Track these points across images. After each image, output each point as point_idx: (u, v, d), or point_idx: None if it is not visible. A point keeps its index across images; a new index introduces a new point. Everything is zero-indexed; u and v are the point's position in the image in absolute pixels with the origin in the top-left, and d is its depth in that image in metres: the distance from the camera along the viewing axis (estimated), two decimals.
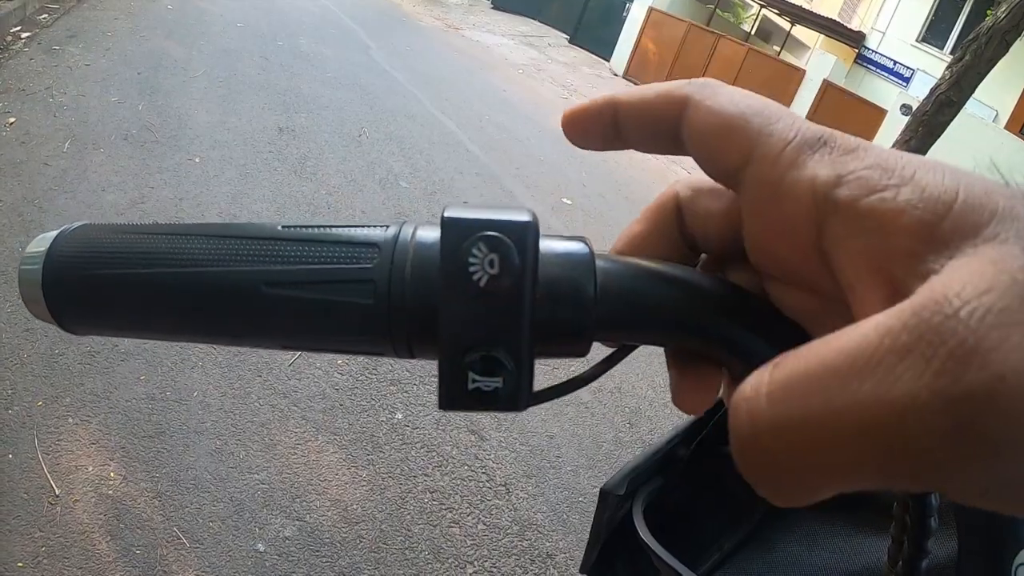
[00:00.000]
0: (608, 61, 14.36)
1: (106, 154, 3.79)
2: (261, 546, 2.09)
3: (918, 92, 9.55)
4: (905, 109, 8.89)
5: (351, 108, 5.98)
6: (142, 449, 2.22)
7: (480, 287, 0.22)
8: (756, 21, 18.28)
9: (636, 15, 13.77)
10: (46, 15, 5.44)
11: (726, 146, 0.23)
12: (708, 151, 0.24)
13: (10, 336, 2.43)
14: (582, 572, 0.74)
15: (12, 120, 3.78)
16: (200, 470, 2.22)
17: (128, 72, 5.01)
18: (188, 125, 4.52)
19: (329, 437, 2.50)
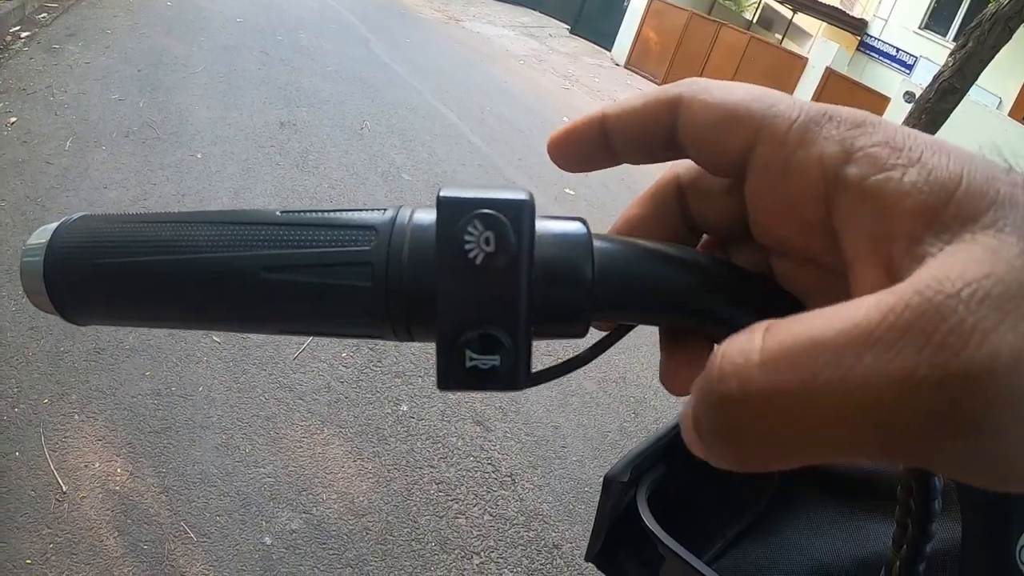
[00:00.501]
0: (609, 51, 14.32)
1: (108, 152, 3.80)
2: (268, 539, 2.10)
3: (921, 79, 9.50)
4: (908, 96, 8.84)
5: (352, 101, 5.98)
6: (148, 445, 2.23)
7: (476, 265, 0.22)
8: (758, 9, 18.21)
9: (637, 4, 13.73)
10: (45, 14, 5.44)
11: (729, 134, 0.23)
12: (710, 143, 0.24)
13: (15, 334, 2.43)
14: (587, 560, 0.74)
15: (13, 119, 3.78)
16: (206, 464, 2.23)
17: (128, 69, 5.01)
18: (189, 121, 4.52)
19: (335, 430, 2.51)
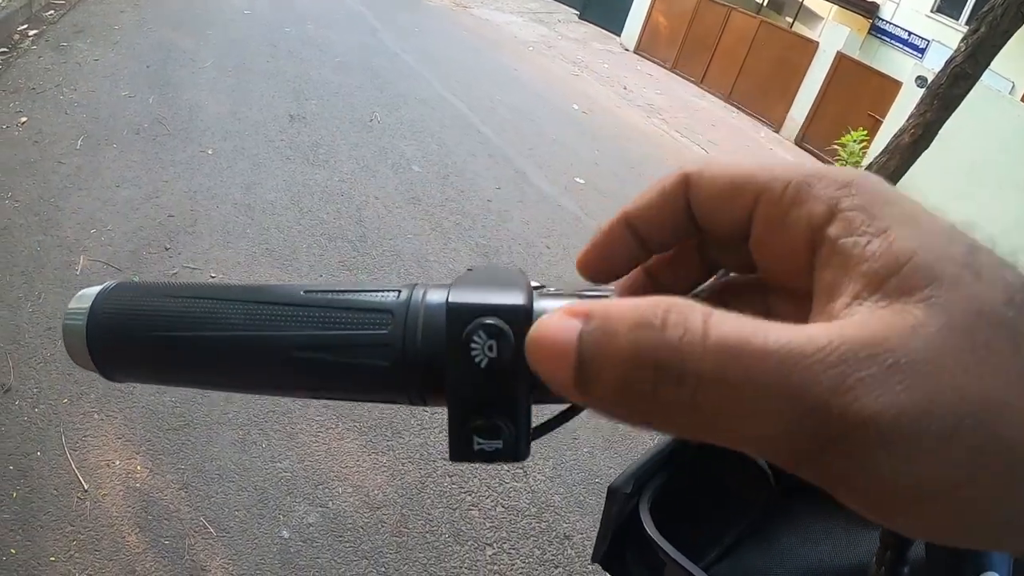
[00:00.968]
0: (619, 36, 14.21)
1: (119, 149, 3.83)
2: (286, 533, 2.13)
3: (933, 64, 9.36)
4: (920, 81, 8.70)
5: (361, 93, 5.98)
6: (167, 442, 2.27)
7: (481, 368, 0.25)
8: None
9: None
10: (52, 11, 5.46)
11: (735, 199, 0.26)
12: (717, 210, 0.27)
13: (33, 336, 2.47)
14: (593, 561, 0.76)
15: (24, 119, 3.81)
16: (224, 460, 2.27)
17: (137, 66, 5.03)
18: (199, 117, 4.55)
19: (349, 424, 2.54)
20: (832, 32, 11.57)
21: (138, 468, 2.17)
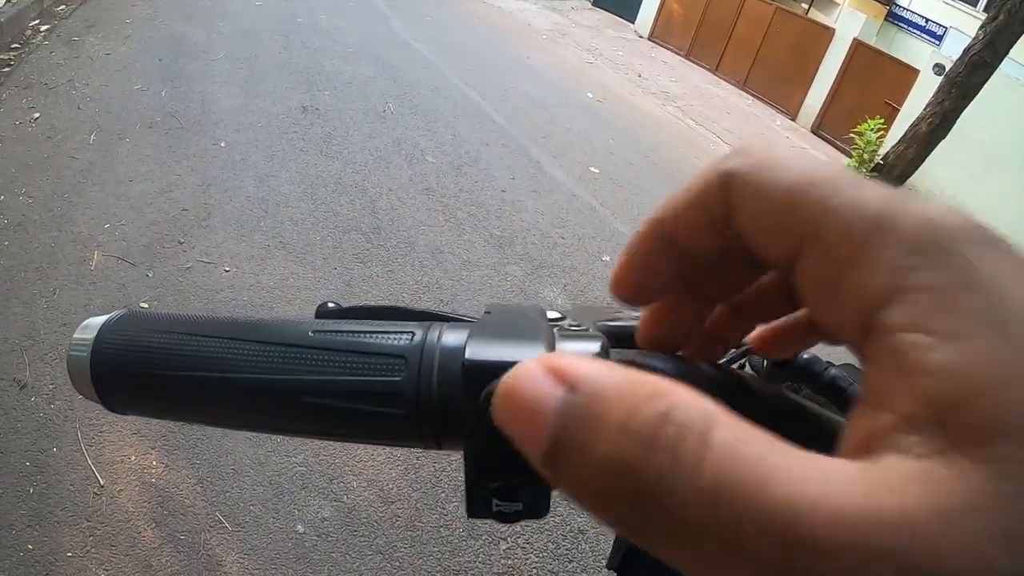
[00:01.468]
0: (632, 23, 14.07)
1: (131, 144, 3.83)
2: (301, 527, 2.13)
3: (951, 51, 9.18)
4: (938, 69, 8.56)
5: (374, 83, 5.96)
6: (182, 437, 2.27)
7: (500, 432, 0.23)
8: None
9: None
10: (63, 6, 5.47)
11: (782, 228, 0.21)
12: (762, 230, 0.22)
13: (48, 332, 2.48)
14: (608, 568, 0.75)
15: (37, 115, 3.83)
16: (239, 455, 2.27)
17: (149, 59, 5.03)
18: (211, 109, 4.55)
19: None
20: (848, 18, 11.40)
21: (153, 463, 2.17)
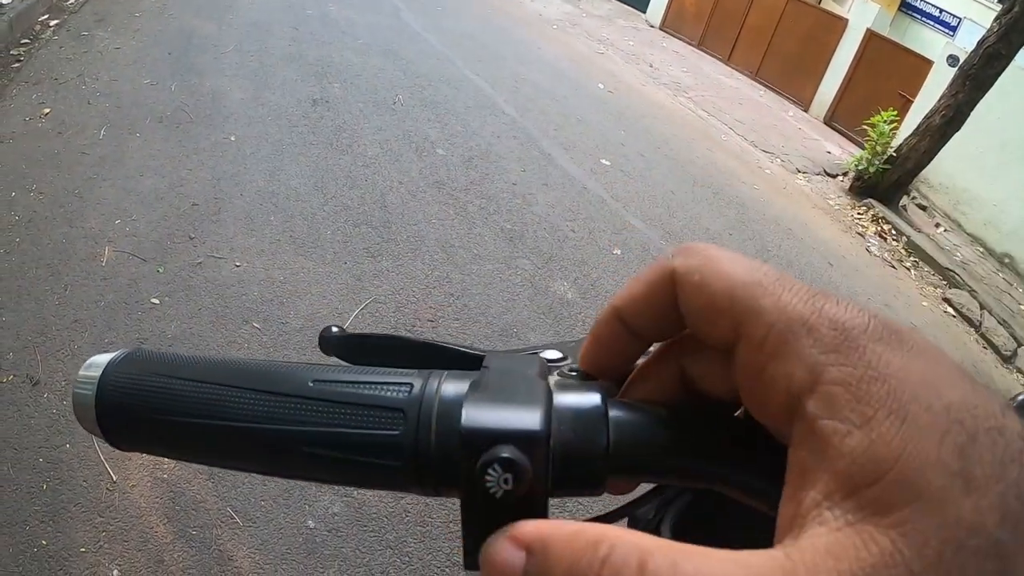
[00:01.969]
0: (644, 13, 14.00)
1: (142, 138, 3.83)
2: (311, 522, 2.14)
3: (965, 42, 9.04)
4: (952, 60, 8.44)
5: (384, 75, 5.94)
6: None
7: (497, 499, 0.25)
8: None
9: None
10: (73, 0, 5.47)
11: (717, 321, 0.24)
12: (701, 323, 0.25)
13: (59, 328, 2.49)
14: None
15: (47, 111, 3.83)
16: None
17: (159, 53, 5.03)
18: (222, 103, 4.54)
19: None
20: (861, 9, 11.25)
21: (165, 460, 2.18)
